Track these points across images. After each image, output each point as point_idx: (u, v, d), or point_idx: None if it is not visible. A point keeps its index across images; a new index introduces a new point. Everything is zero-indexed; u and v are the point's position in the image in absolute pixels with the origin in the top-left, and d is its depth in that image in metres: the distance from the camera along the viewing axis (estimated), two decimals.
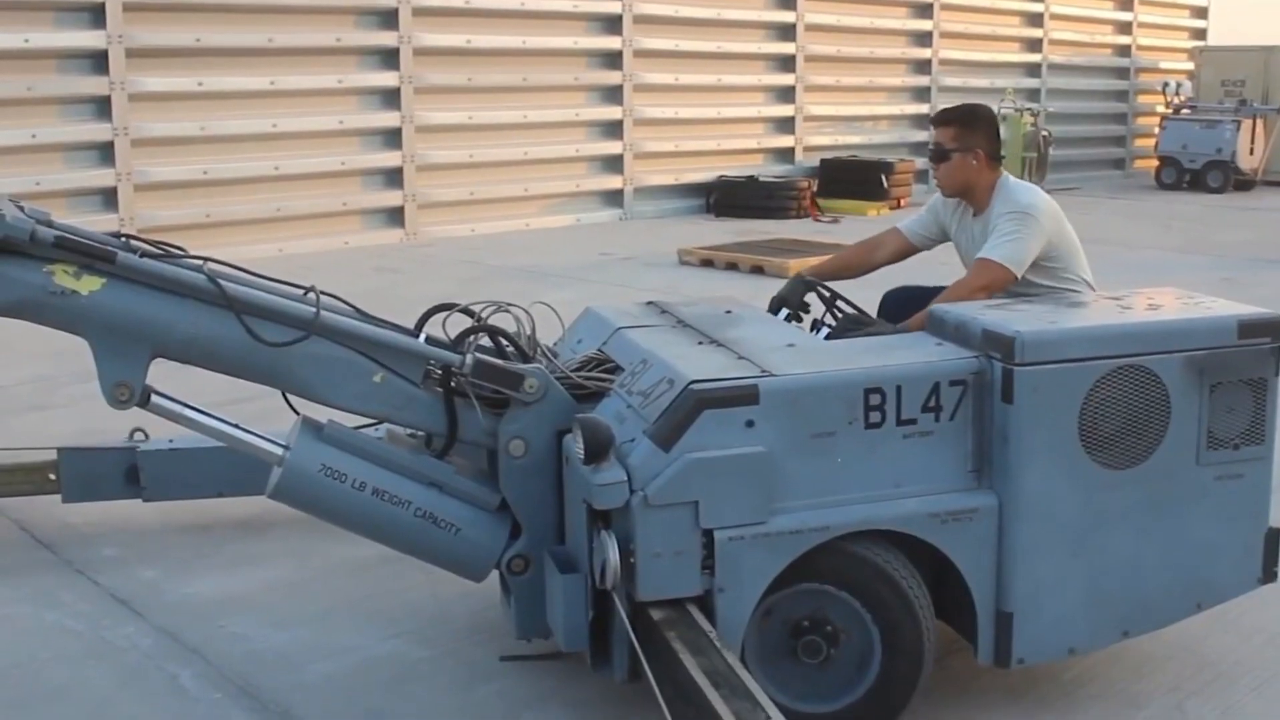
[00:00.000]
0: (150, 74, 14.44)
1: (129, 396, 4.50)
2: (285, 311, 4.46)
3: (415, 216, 16.55)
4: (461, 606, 5.31)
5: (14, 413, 8.40)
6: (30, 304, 4.42)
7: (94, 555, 6.03)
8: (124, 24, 14.16)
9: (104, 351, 4.47)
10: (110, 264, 4.38)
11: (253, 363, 4.48)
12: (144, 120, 14.44)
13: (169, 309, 4.44)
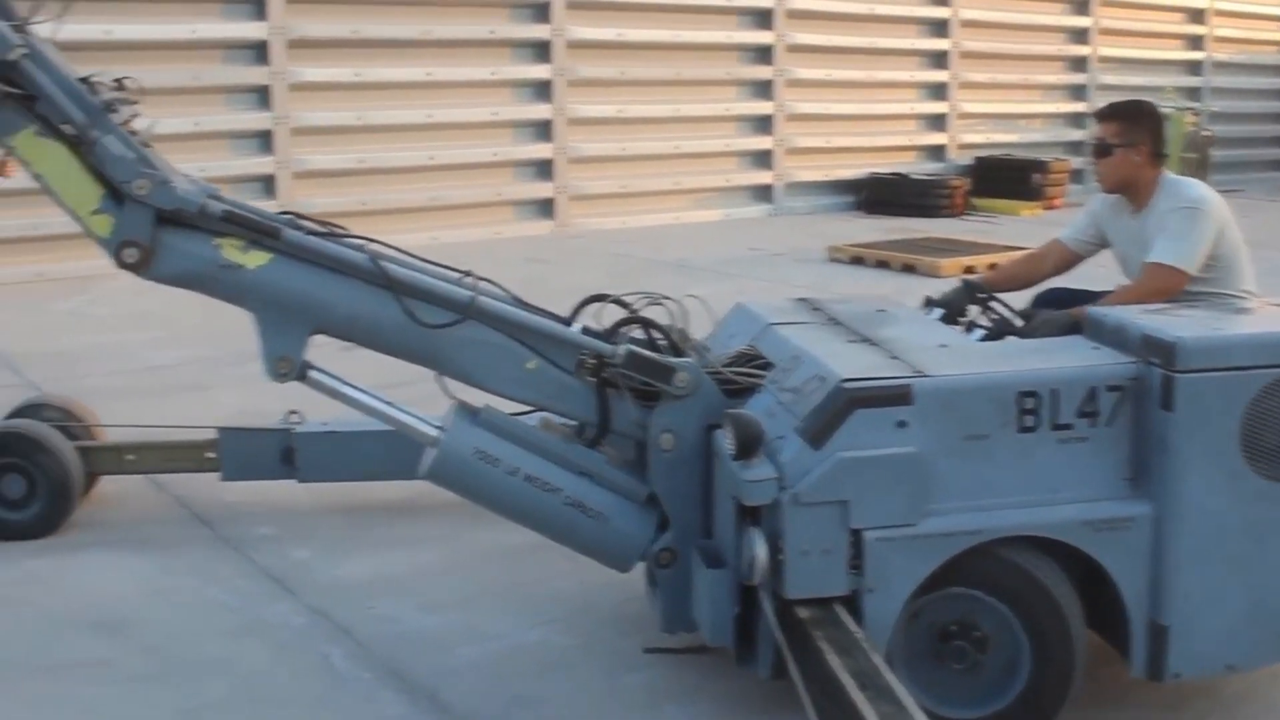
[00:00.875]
0: (309, 64, 14.75)
1: (289, 370, 4.63)
2: (443, 294, 4.55)
3: (566, 208, 16.69)
4: (607, 597, 5.34)
5: (176, 392, 8.65)
6: (199, 276, 4.59)
7: (250, 533, 6.19)
8: (285, 16, 14.48)
9: (267, 325, 4.60)
10: (275, 239, 4.52)
11: (410, 343, 4.57)
12: (303, 109, 14.75)
13: (331, 287, 4.56)
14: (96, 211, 4.56)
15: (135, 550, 6.03)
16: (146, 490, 6.73)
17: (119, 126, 4.57)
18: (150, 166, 4.53)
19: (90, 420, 6.70)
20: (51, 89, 4.48)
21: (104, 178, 4.51)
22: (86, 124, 4.49)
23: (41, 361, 9.55)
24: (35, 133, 4.50)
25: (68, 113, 4.48)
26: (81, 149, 4.51)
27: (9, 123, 4.51)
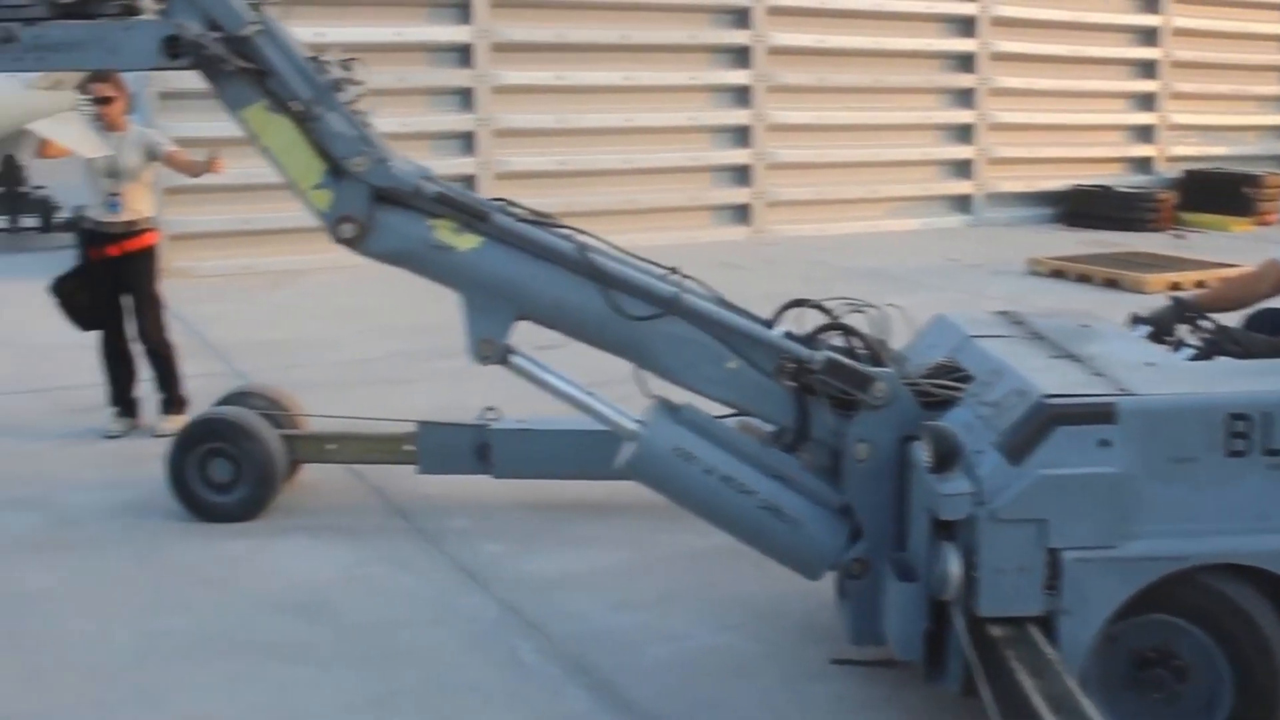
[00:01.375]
0: (512, 68, 15.00)
1: (491, 353, 4.74)
2: (648, 288, 4.60)
3: (762, 214, 16.67)
4: (794, 604, 5.32)
5: (377, 384, 8.88)
6: (411, 254, 4.73)
7: (445, 526, 6.32)
8: (489, 20, 14.75)
9: (473, 307, 4.72)
10: (486, 223, 4.63)
11: (612, 334, 4.63)
12: (505, 112, 15.01)
13: (537, 273, 4.65)
14: (317, 186, 4.72)
15: (334, 537, 6.21)
16: (346, 479, 6.93)
17: (343, 105, 4.73)
18: (369, 145, 4.68)
19: (295, 410, 6.92)
20: (282, 65, 4.66)
21: (326, 154, 4.68)
22: (312, 101, 4.66)
23: (250, 351, 9.89)
24: (265, 107, 4.69)
25: (295, 89, 4.66)
26: (307, 125, 4.68)
27: (242, 96, 4.71)
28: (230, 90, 4.71)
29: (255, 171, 12.17)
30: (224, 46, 4.59)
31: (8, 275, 14.00)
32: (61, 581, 5.79)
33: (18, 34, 4.69)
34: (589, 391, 4.80)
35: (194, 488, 6.40)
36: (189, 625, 5.31)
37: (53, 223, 16.24)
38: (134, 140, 7.89)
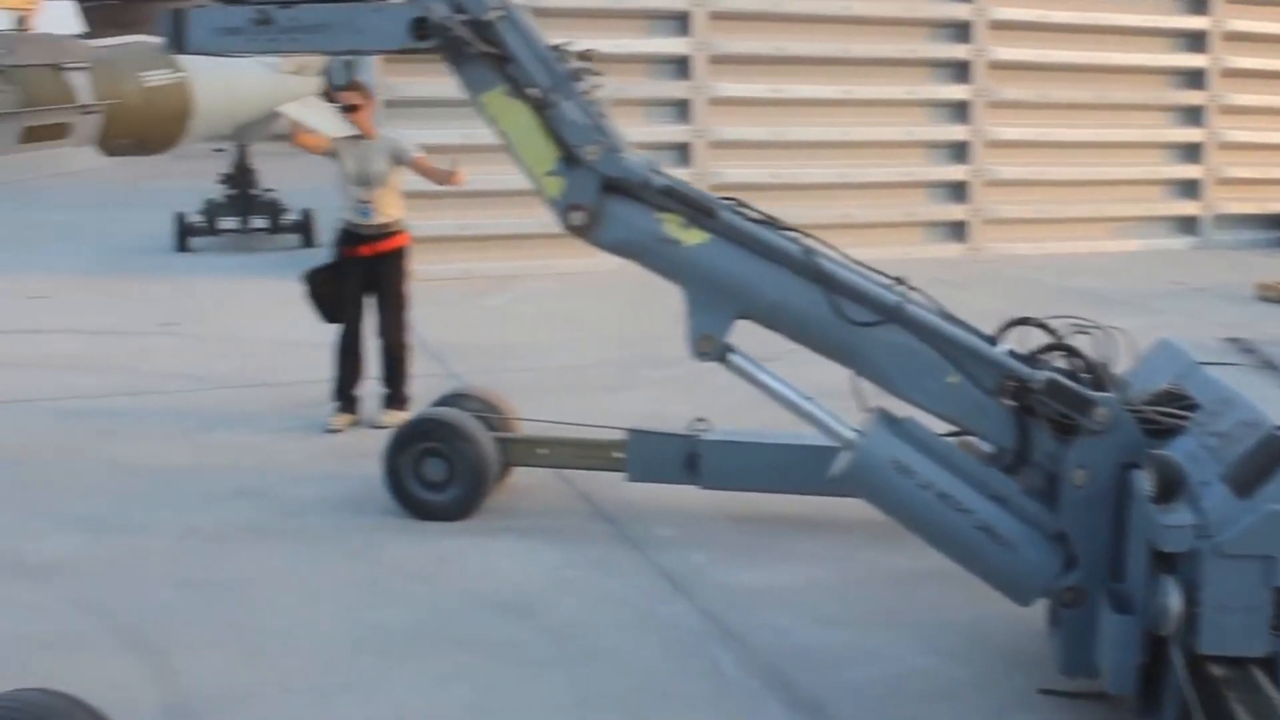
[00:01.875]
0: (729, 80, 15.03)
1: (710, 349, 4.77)
2: (871, 295, 4.58)
3: (978, 231, 16.38)
4: (1002, 630, 5.22)
5: (588, 391, 8.99)
6: (638, 246, 4.80)
7: (651, 534, 6.37)
8: (708, 32, 14.81)
9: (696, 303, 4.76)
10: (712, 219, 4.67)
11: (833, 338, 4.62)
12: (721, 124, 15.05)
13: (761, 273, 4.67)
14: (550, 173, 4.84)
15: (542, 540, 6.31)
16: (556, 484, 7.03)
17: (580, 94, 4.83)
18: (602, 134, 4.77)
19: (508, 413, 7.06)
20: (522, 52, 4.79)
21: (560, 141, 4.78)
22: (550, 88, 4.78)
23: (465, 354, 10.12)
24: (504, 92, 4.83)
25: (534, 76, 4.78)
26: (543, 112, 4.79)
27: (483, 80, 4.85)
28: (472, 74, 4.87)
29: (477, 177, 12.44)
30: (469, 29, 4.74)
31: (238, 274, 14.61)
32: (280, 570, 6.01)
33: (273, 16, 4.92)
34: (806, 397, 4.80)
35: (409, 486, 6.57)
36: (400, 619, 5.46)
37: (281, 224, 16.88)
38: (382, 147, 8.19)
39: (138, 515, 6.71)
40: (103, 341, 11.05)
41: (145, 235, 17.41)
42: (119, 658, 5.12)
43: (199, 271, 14.87)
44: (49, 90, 5.76)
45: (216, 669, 5.00)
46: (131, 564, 6.08)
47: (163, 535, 6.43)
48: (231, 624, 5.43)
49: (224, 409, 8.79)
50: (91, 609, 5.58)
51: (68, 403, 9.00)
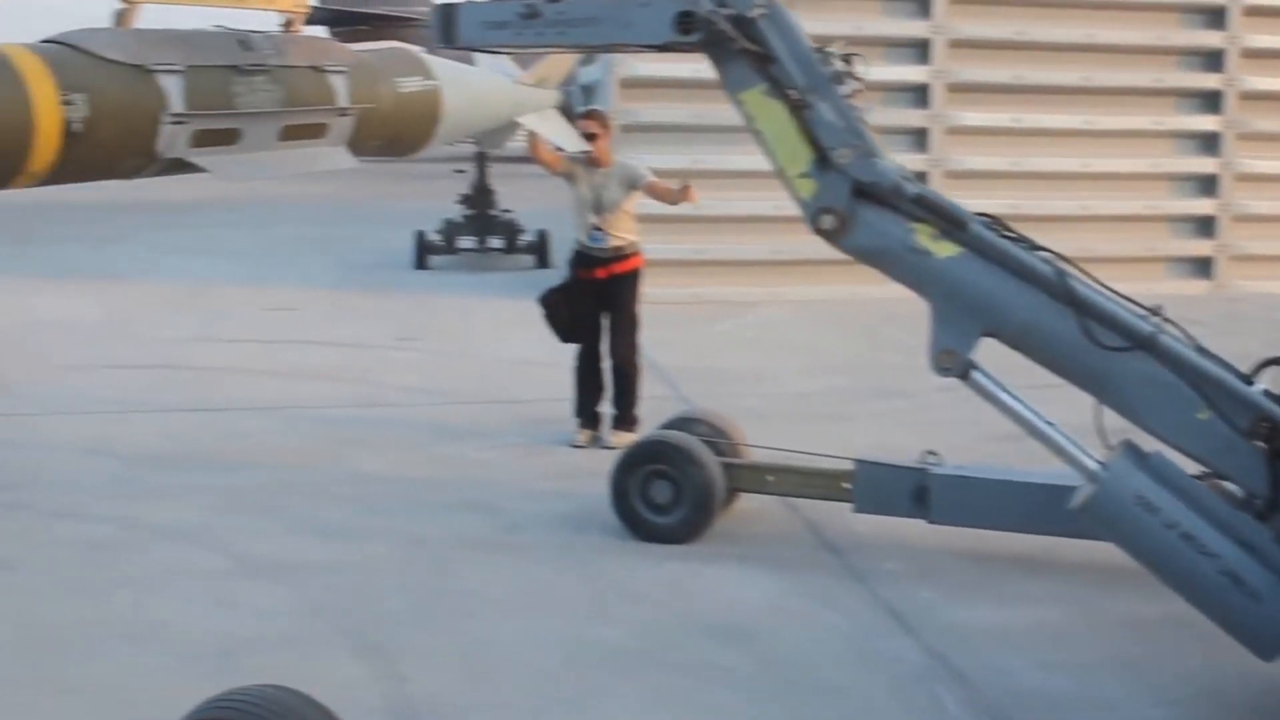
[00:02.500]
0: (968, 108, 14.78)
1: (952, 365, 4.69)
2: (1124, 321, 4.45)
3: (1226, 268, 15.73)
4: (1240, 685, 4.97)
5: (817, 419, 8.93)
6: (886, 254, 4.76)
7: (875, 567, 6.28)
8: (946, 60, 14.61)
9: (940, 317, 4.69)
10: (964, 232, 4.59)
11: (1080, 362, 4.50)
12: (959, 153, 14.81)
13: (1011, 291, 4.58)
14: (803, 174, 4.84)
15: (765, 567, 6.27)
16: (781, 511, 6.99)
17: (839, 97, 4.81)
18: (858, 138, 4.74)
19: (736, 438, 7.04)
20: (784, 51, 4.80)
21: (815, 143, 4.78)
22: (808, 89, 4.77)
23: (695, 378, 10.16)
24: (764, 91, 4.86)
25: (794, 76, 4.79)
26: (800, 112, 4.79)
27: (744, 78, 4.89)
28: (733, 71, 4.91)
29: (711, 203, 12.49)
30: (732, 26, 4.77)
31: (475, 292, 14.98)
32: (503, 583, 6.11)
33: (541, 9, 5.05)
34: (1048, 422, 4.67)
35: (635, 506, 6.61)
36: (618, 638, 5.49)
37: (517, 244, 17.25)
38: (618, 174, 8.32)
39: (372, 523, 6.91)
40: (344, 354, 11.44)
41: (386, 252, 18.00)
42: (348, 660, 5.27)
43: (437, 289, 15.29)
44: (310, 91, 6.01)
45: (439, 677, 5.11)
46: (363, 570, 6.27)
47: (394, 543, 6.61)
48: (455, 634, 5.54)
49: (457, 424, 9.00)
50: (324, 612, 5.77)
51: (310, 411, 9.34)
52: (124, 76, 5.14)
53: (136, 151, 5.29)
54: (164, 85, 5.28)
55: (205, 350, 11.58)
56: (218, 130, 5.58)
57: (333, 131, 6.21)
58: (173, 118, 5.29)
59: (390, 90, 6.53)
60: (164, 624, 5.62)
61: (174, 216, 23.98)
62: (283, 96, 5.86)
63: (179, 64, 5.36)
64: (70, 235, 20.84)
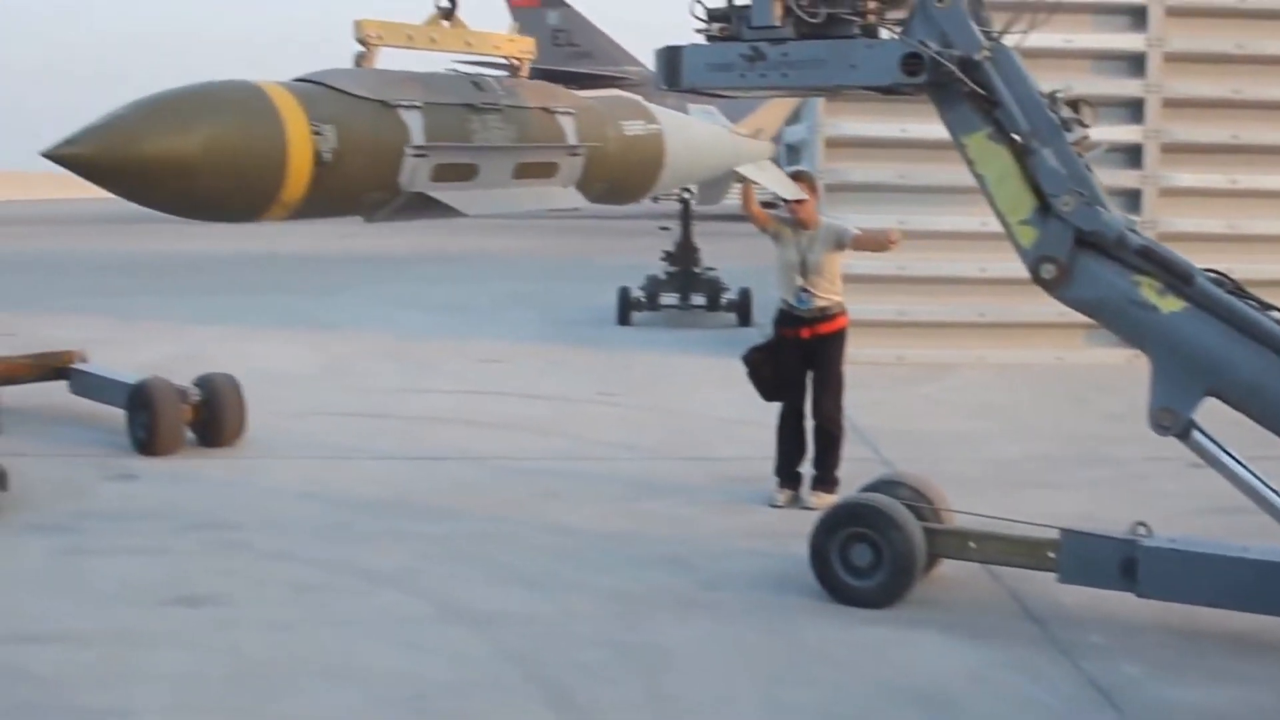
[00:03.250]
0: (1183, 169, 14.38)
1: (1171, 424, 4.58)
2: None
3: None
4: None
5: (1020, 486, 8.76)
6: (1108, 306, 4.68)
7: (1080, 640, 6.10)
8: (1161, 119, 14.24)
9: (1161, 373, 4.59)
10: (1189, 287, 4.49)
11: None
12: (1173, 215, 14.40)
13: (1238, 350, 4.46)
14: (1024, 221, 4.80)
15: (966, 635, 6.16)
16: (983, 579, 6.85)
17: (1064, 144, 4.76)
18: (1082, 186, 4.68)
19: (939, 503, 6.94)
20: (1010, 95, 4.77)
21: (1038, 190, 4.73)
22: (1031, 134, 4.73)
23: (897, 440, 10.06)
24: (987, 135, 4.84)
25: (1018, 121, 4.75)
26: (1024, 158, 4.75)
27: (967, 121, 4.88)
28: (957, 114, 4.90)
29: (916, 264, 12.42)
30: (959, 68, 4.77)
31: (678, 349, 15.09)
32: (699, 641, 6.10)
33: (766, 51, 5.13)
34: (1275, 490, 4.51)
35: (834, 569, 6.56)
36: (811, 702, 5.43)
37: (719, 302, 17.33)
38: (824, 235, 8.32)
39: (570, 574, 7.00)
40: (547, 407, 11.64)
41: (590, 308, 18.27)
42: (540, 709, 5.34)
43: (639, 345, 15.46)
44: (541, 130, 6.21)
45: None
46: (560, 621, 6.35)
47: (591, 596, 6.68)
48: (648, 689, 5.56)
49: (657, 479, 9.06)
50: (519, 660, 5.85)
51: (513, 463, 9.51)
52: (369, 111, 5.42)
53: (380, 184, 5.54)
54: (406, 120, 5.52)
55: (415, 400, 11.90)
56: (456, 165, 5.80)
57: (563, 171, 6.39)
58: (414, 150, 5.53)
59: (616, 133, 6.70)
60: (364, 665, 5.78)
61: (388, 270, 24.74)
62: (515, 134, 6.07)
63: (419, 100, 5.60)
64: (294, 286, 21.71)
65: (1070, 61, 13.46)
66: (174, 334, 15.89)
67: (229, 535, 7.65)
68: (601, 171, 6.64)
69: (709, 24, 5.48)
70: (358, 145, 5.28)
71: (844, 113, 13.55)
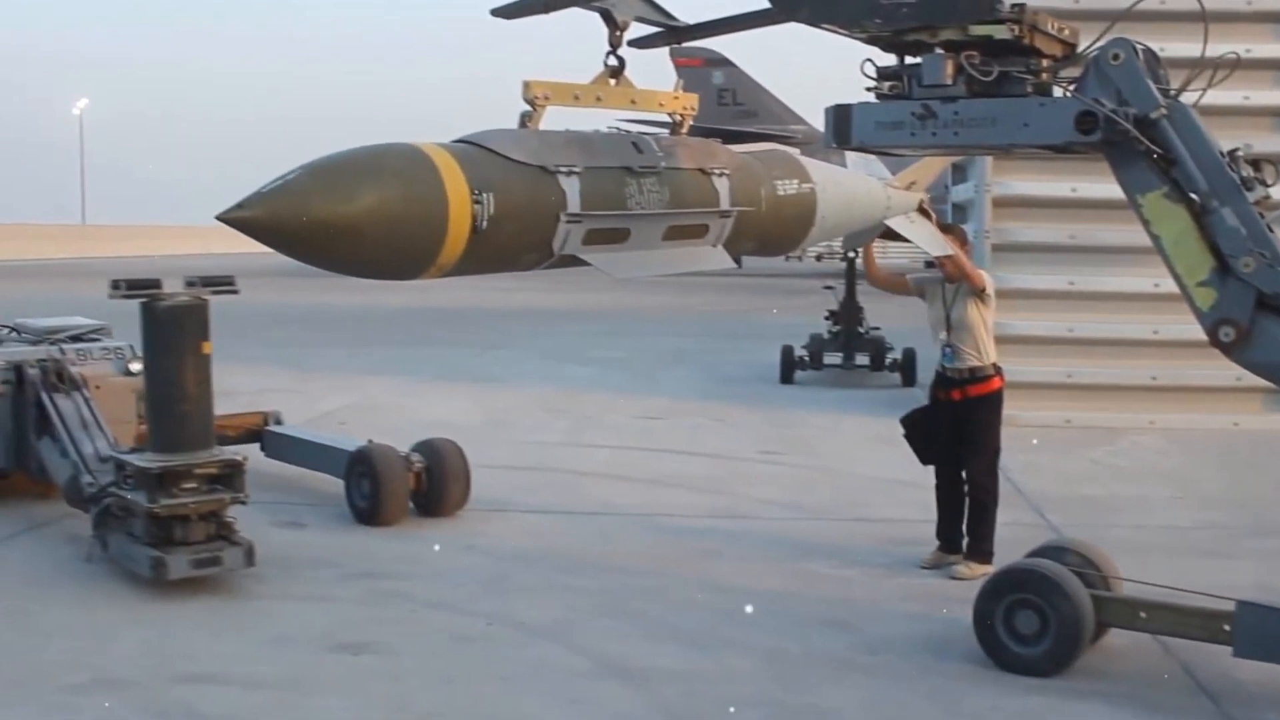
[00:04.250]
0: None
1: None
2: None
3: None
4: None
5: (1191, 555, 8.49)
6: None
7: (1256, 718, 5.89)
8: None
9: None
10: None
11: None
12: None
13: None
14: (1203, 283, 4.68)
15: (1134, 708, 5.97)
16: (1154, 650, 6.64)
17: (1245, 203, 4.64)
18: (1265, 247, 4.55)
19: (1108, 570, 6.75)
20: (1186, 154, 4.67)
21: (1217, 251, 4.62)
22: (1209, 193, 4.62)
23: (1063, 505, 9.84)
24: (1164, 194, 4.73)
25: (1197, 180, 4.65)
26: (1202, 218, 4.65)
27: (1144, 180, 4.78)
28: (1133, 173, 4.81)
29: (1084, 325, 12.20)
30: (1135, 126, 4.69)
31: (840, 409, 14.99)
32: (860, 704, 6.02)
33: (937, 110, 5.10)
34: None
35: (998, 635, 6.41)
36: None
37: (883, 362, 17.17)
38: (968, 290, 8.15)
39: (729, 633, 6.95)
40: (708, 464, 11.62)
41: (752, 365, 18.26)
42: None
43: (801, 404, 15.38)
44: (696, 193, 6.25)
45: None
46: (718, 679, 6.30)
47: (750, 655, 6.62)
48: None
49: (818, 539, 8.98)
50: (676, 718, 5.82)
51: (673, 519, 9.51)
52: (528, 176, 5.51)
53: (533, 247, 5.64)
54: (564, 185, 5.61)
55: (576, 454, 11.98)
56: (608, 230, 5.86)
57: (712, 232, 6.42)
58: (569, 217, 5.61)
59: (770, 192, 6.72)
60: (523, 718, 5.80)
61: (548, 324, 25.07)
62: (670, 198, 6.12)
63: (578, 165, 5.69)
64: (460, 340, 22.13)
65: (1250, 119, 13.13)
66: (346, 385, 16.30)
67: (390, 585, 7.78)
68: (751, 231, 6.66)
69: (879, 82, 5.46)
70: (515, 211, 5.38)
71: (1012, 171, 13.38)
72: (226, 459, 7.69)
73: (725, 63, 50.41)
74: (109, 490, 7.88)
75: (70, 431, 8.82)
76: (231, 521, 7.77)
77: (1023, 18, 5.15)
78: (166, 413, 7.67)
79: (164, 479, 7.46)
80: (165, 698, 6.01)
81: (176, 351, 7.62)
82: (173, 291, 7.60)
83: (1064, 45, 5.36)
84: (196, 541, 7.56)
